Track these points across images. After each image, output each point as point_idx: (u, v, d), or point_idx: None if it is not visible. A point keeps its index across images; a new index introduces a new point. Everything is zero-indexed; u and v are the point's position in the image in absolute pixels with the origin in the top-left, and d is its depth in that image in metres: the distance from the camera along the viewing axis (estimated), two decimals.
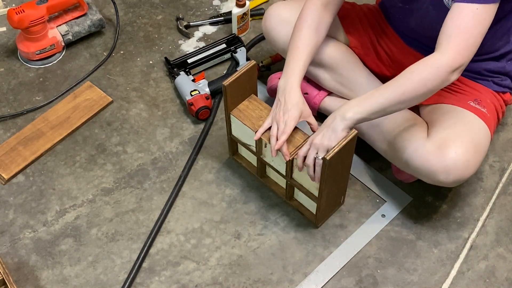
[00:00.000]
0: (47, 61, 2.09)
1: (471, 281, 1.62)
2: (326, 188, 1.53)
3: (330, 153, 1.43)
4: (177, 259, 1.66)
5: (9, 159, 1.83)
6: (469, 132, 1.55)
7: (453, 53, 1.39)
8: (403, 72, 1.44)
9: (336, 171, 1.53)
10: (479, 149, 1.55)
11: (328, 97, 1.85)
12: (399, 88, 1.42)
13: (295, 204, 1.73)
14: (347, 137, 1.45)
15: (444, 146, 1.52)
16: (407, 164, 1.59)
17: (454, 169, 1.51)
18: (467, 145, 1.52)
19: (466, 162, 1.51)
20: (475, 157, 1.53)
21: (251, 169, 1.79)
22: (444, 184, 1.55)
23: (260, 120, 1.63)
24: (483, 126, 1.60)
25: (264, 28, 1.83)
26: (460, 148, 1.51)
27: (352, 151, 1.54)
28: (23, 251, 1.67)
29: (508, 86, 1.69)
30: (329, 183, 1.54)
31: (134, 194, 1.78)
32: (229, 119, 1.69)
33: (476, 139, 1.55)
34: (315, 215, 1.67)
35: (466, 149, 1.52)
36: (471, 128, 1.57)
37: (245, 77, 1.62)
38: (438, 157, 1.52)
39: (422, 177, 1.58)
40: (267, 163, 1.68)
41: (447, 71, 1.39)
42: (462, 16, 1.39)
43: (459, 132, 1.55)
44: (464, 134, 1.54)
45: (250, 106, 1.67)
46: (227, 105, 1.64)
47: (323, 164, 1.45)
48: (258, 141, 1.62)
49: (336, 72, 1.78)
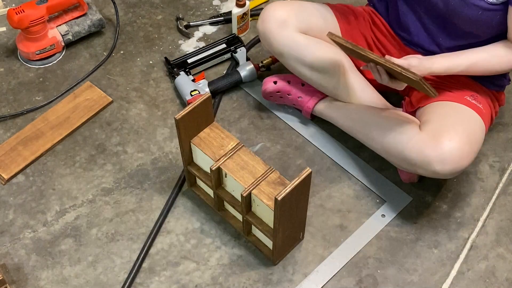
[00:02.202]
0: (47, 61, 2.08)
1: (471, 281, 1.62)
2: (280, 227, 1.49)
3: (282, 194, 1.38)
4: (177, 259, 1.66)
5: (9, 159, 1.83)
6: (464, 122, 1.57)
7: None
8: (485, 49, 1.60)
9: (291, 210, 1.48)
10: (474, 140, 1.56)
11: (322, 101, 1.85)
12: (474, 61, 1.60)
13: (253, 239, 1.66)
14: (300, 176, 1.41)
15: (439, 135, 1.53)
16: (402, 157, 1.59)
17: (450, 158, 1.51)
18: (461, 134, 1.53)
19: (461, 151, 1.52)
20: (470, 146, 1.54)
21: (209, 202, 1.73)
22: (441, 175, 1.55)
23: (221, 149, 1.58)
24: (478, 119, 1.61)
25: (261, 29, 1.79)
26: (455, 137, 1.52)
27: (308, 189, 1.48)
28: (23, 251, 1.67)
29: (502, 85, 1.74)
30: (284, 222, 1.49)
31: (134, 194, 1.78)
32: (188, 149, 1.63)
33: (471, 129, 1.56)
34: (272, 252, 1.62)
35: (461, 138, 1.53)
36: (465, 119, 1.58)
37: (199, 109, 1.56)
38: (432, 146, 1.52)
39: (418, 168, 1.58)
40: (223, 197, 1.62)
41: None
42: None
43: (454, 121, 1.56)
44: (459, 123, 1.56)
45: (211, 134, 1.62)
46: (181, 138, 1.58)
47: (275, 204, 1.40)
48: (216, 172, 1.56)
49: (331, 76, 1.78)
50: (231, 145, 1.59)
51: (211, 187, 1.65)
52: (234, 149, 1.58)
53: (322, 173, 1.81)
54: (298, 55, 1.76)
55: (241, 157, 1.57)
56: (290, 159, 1.85)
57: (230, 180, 1.57)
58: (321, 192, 1.78)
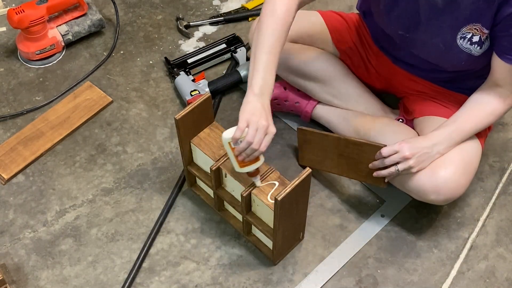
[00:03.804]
0: (47, 61, 2.09)
1: (471, 281, 1.62)
2: (280, 227, 1.49)
3: (282, 194, 1.38)
4: (177, 259, 1.66)
5: (9, 159, 1.83)
6: (461, 151, 1.55)
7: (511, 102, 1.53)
8: (467, 114, 1.55)
9: (291, 210, 1.48)
10: (469, 169, 1.55)
11: (320, 104, 1.84)
12: (468, 130, 1.55)
13: (253, 239, 1.66)
14: (300, 176, 1.40)
15: (435, 165, 1.52)
16: (399, 182, 1.60)
17: (445, 189, 1.52)
18: (457, 165, 1.52)
19: (456, 181, 1.52)
20: (465, 176, 1.54)
21: (209, 202, 1.73)
22: (435, 203, 1.57)
23: (221, 149, 1.58)
24: (475, 142, 1.59)
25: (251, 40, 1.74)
26: (451, 168, 1.52)
27: (308, 189, 1.49)
28: (23, 251, 1.67)
29: None
30: (284, 222, 1.49)
31: (134, 194, 1.78)
32: (188, 150, 1.63)
33: (467, 158, 1.55)
34: (272, 252, 1.62)
35: (456, 168, 1.52)
36: (462, 147, 1.55)
37: (199, 109, 1.56)
38: (428, 177, 1.52)
39: (413, 195, 1.59)
40: (223, 197, 1.62)
41: (503, 115, 1.56)
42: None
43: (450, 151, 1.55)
44: (455, 153, 1.54)
45: (211, 134, 1.62)
46: (181, 138, 1.58)
47: (275, 204, 1.40)
48: (216, 172, 1.56)
49: (327, 84, 1.77)
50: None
51: (211, 187, 1.64)
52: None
53: (322, 173, 1.81)
54: (289, 65, 1.76)
55: None
56: (290, 159, 1.85)
57: (230, 180, 1.57)
58: (321, 192, 1.78)
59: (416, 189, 1.55)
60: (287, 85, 1.86)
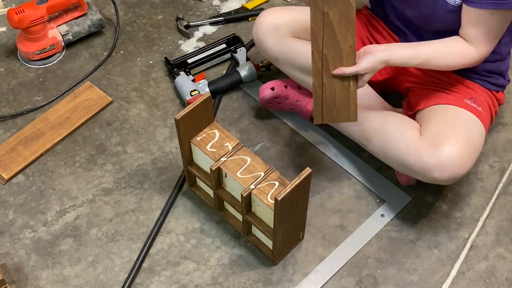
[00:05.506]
0: (47, 61, 2.09)
1: (471, 281, 1.62)
2: (280, 227, 1.49)
3: (282, 194, 1.38)
4: (177, 259, 1.66)
5: (9, 159, 1.83)
6: (463, 128, 1.55)
7: (485, 52, 1.55)
8: (443, 45, 1.56)
9: (291, 210, 1.48)
10: (473, 146, 1.54)
11: None
12: (431, 55, 1.56)
13: (253, 239, 1.66)
14: (300, 176, 1.40)
15: (438, 142, 1.52)
16: (401, 163, 1.59)
17: (449, 165, 1.50)
18: (461, 141, 1.52)
19: (460, 158, 1.51)
20: (469, 153, 1.53)
21: (209, 202, 1.73)
22: (440, 182, 1.55)
23: (221, 149, 1.59)
24: (478, 123, 1.60)
25: (255, 36, 1.79)
26: (454, 144, 1.51)
27: (308, 189, 1.49)
28: (23, 251, 1.67)
29: (501, 85, 1.73)
30: (284, 222, 1.49)
31: (134, 194, 1.78)
32: (188, 149, 1.63)
33: (470, 135, 1.55)
34: (272, 252, 1.62)
35: (460, 145, 1.51)
36: (465, 125, 1.56)
37: (199, 109, 1.56)
38: (431, 153, 1.51)
39: (416, 175, 1.57)
40: (223, 197, 1.62)
41: (476, 63, 1.58)
42: (492, 19, 1.50)
43: (453, 128, 1.55)
44: (458, 130, 1.54)
45: (211, 134, 1.62)
46: (181, 138, 1.58)
47: (275, 204, 1.40)
48: (216, 172, 1.56)
49: None
50: (231, 145, 1.60)
51: (211, 187, 1.65)
52: (234, 149, 1.58)
53: (322, 173, 1.81)
54: (292, 60, 1.76)
55: (241, 157, 1.57)
56: (290, 159, 1.85)
57: (230, 180, 1.57)
58: (321, 192, 1.78)
59: (419, 167, 1.54)
60: (288, 83, 1.87)
